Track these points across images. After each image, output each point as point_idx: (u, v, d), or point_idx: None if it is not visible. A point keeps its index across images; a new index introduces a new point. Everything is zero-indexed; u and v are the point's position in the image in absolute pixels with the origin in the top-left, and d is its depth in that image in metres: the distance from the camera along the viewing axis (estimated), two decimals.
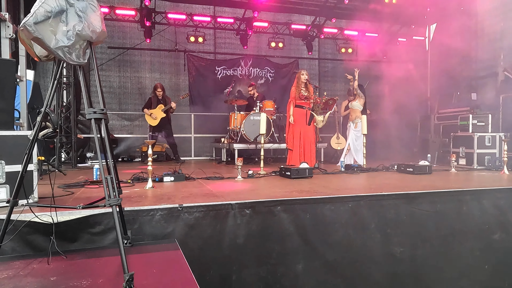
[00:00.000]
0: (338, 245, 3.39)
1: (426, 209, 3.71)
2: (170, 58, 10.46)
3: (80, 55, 2.07)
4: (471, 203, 3.87)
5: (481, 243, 3.83)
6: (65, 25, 1.99)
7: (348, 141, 7.46)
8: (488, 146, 6.79)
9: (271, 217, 3.25)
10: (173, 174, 4.88)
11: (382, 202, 3.61)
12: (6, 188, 2.95)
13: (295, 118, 6.44)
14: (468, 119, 7.15)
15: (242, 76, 10.96)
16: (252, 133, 7.80)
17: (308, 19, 11.07)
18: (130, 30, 9.91)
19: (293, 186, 4.29)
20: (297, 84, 6.52)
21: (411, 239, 3.61)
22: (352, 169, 6.10)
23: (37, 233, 2.60)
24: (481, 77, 9.07)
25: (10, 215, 2.06)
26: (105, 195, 1.99)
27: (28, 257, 2.33)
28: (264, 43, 11.00)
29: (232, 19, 10.20)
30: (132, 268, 1.94)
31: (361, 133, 7.32)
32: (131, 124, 10.23)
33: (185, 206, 3.05)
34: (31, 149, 2.11)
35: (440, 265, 3.68)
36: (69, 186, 4.23)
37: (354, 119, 7.46)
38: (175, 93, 9.99)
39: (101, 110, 2.10)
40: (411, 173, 5.71)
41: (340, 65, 12.02)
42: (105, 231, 2.79)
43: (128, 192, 3.86)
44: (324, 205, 3.43)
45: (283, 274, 3.18)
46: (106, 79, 9.95)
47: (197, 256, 2.89)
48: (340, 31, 11.11)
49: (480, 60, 9.20)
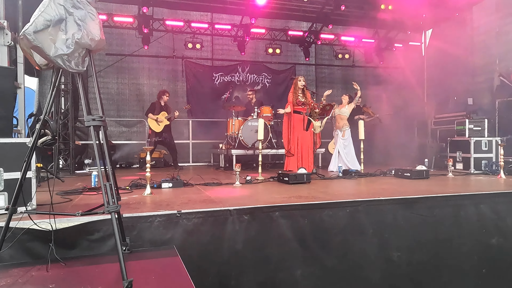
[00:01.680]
0: (336, 250, 3.40)
1: (423, 214, 3.72)
2: (168, 65, 10.51)
3: (79, 63, 2.09)
4: (469, 208, 3.89)
5: (479, 247, 3.84)
6: (64, 34, 2.01)
7: (337, 148, 7.46)
8: (485, 150, 6.83)
9: (269, 222, 3.25)
10: (172, 180, 4.89)
11: (380, 207, 3.63)
12: (5, 195, 2.95)
13: (293, 123, 6.47)
14: (465, 123, 7.20)
15: (239, 82, 11.01)
16: (250, 138, 7.83)
17: (305, 26, 11.16)
18: (128, 37, 9.95)
19: (291, 192, 4.30)
20: (294, 90, 6.57)
21: (409, 243, 3.62)
22: (350, 174, 6.12)
23: (36, 240, 2.60)
24: (477, 82, 9.14)
25: (9, 223, 2.06)
26: (104, 202, 2.00)
27: (26, 264, 2.33)
28: (261, 49, 11.05)
29: (230, 26, 10.26)
30: (131, 275, 1.94)
31: (348, 141, 7.33)
32: (129, 130, 10.24)
33: (183, 212, 3.05)
34: (30, 157, 2.12)
35: (438, 269, 3.69)
36: (67, 193, 4.23)
37: (342, 126, 7.46)
38: (173, 100, 9.99)
39: (100, 117, 2.12)
40: (408, 178, 5.73)
41: (337, 71, 12.10)
42: (104, 238, 2.79)
43: (126, 198, 3.86)
44: (322, 211, 3.44)
45: (282, 280, 3.18)
46: (104, 85, 9.97)
47: (196, 262, 2.89)
48: (337, 37, 11.19)
49: (476, 65, 9.28)
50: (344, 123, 7.47)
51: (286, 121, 6.63)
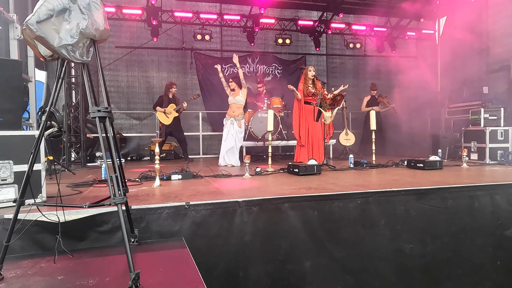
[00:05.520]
0: (346, 242, 3.35)
1: (436, 205, 3.64)
2: (177, 57, 10.49)
3: (83, 53, 2.06)
4: (483, 199, 3.79)
5: (493, 239, 3.75)
6: (68, 24, 1.98)
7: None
8: (501, 140, 6.67)
9: (278, 214, 3.22)
10: (181, 172, 4.88)
11: (391, 198, 3.56)
12: (15, 187, 2.98)
13: (303, 114, 6.40)
14: (480, 113, 7.03)
15: (249, 73, 10.93)
16: (260, 130, 7.79)
17: (315, 15, 10.99)
18: (137, 29, 9.95)
19: (301, 183, 4.26)
20: (304, 81, 6.48)
21: (421, 235, 3.55)
22: (361, 165, 6.04)
23: (45, 232, 2.62)
24: (492, 70, 8.89)
25: (17, 215, 2.07)
26: (110, 194, 1.99)
27: (36, 256, 2.35)
28: (271, 40, 10.95)
29: (239, 16, 10.16)
30: (139, 267, 1.93)
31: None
32: (140, 123, 10.30)
33: (192, 204, 3.04)
34: (37, 148, 2.11)
35: (451, 261, 3.62)
36: (78, 185, 4.26)
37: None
38: (183, 92, 10.01)
39: (105, 108, 2.10)
40: (421, 169, 5.63)
41: (348, 61, 11.92)
42: (112, 230, 2.79)
43: (135, 190, 3.87)
44: (332, 202, 3.39)
45: (291, 271, 3.16)
46: (114, 78, 10.02)
47: (204, 253, 2.88)
48: (348, 27, 10.97)
49: (491, 53, 9.02)
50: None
51: (297, 111, 6.55)
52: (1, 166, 2.91)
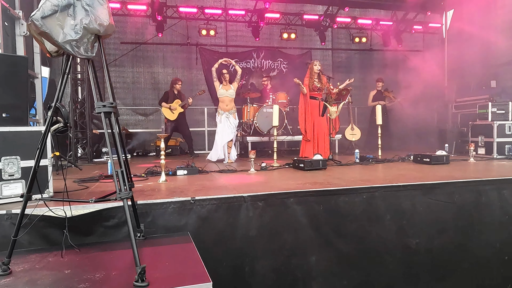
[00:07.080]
0: (352, 236, 3.34)
1: (443, 200, 3.62)
2: (182, 53, 10.48)
3: (88, 48, 2.07)
4: (491, 193, 3.76)
5: (501, 234, 3.72)
6: (73, 19, 1.98)
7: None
8: (509, 134, 6.60)
9: (284, 209, 3.22)
10: (186, 168, 4.90)
11: (397, 193, 3.54)
12: (22, 183, 3.01)
13: (309, 109, 6.37)
14: (487, 107, 6.95)
15: (254, 68, 10.90)
16: (265, 125, 7.77)
17: (321, 9, 10.91)
18: (142, 25, 9.96)
19: (306, 178, 4.25)
20: (310, 75, 6.44)
21: (428, 230, 3.53)
22: (367, 160, 6.01)
23: (52, 227, 2.64)
24: (500, 64, 8.77)
25: (24, 210, 2.08)
26: (115, 189, 2.00)
27: (43, 250, 2.37)
28: (276, 35, 10.89)
29: (244, 11, 10.12)
30: (145, 261, 1.94)
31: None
32: (146, 119, 10.33)
33: (197, 199, 3.05)
34: (43, 144, 2.12)
35: (458, 257, 3.60)
36: (84, 180, 4.29)
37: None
38: (188, 87, 10.00)
39: (110, 103, 2.10)
40: (428, 164, 5.59)
41: (354, 55, 11.83)
42: (119, 225, 2.81)
43: (141, 185, 3.89)
44: (338, 197, 3.38)
45: (296, 266, 3.16)
46: (119, 74, 10.05)
47: (210, 248, 2.89)
48: (354, 21, 10.87)
49: (499, 47, 8.88)
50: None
51: (302, 106, 6.52)
52: (9, 161, 2.93)
